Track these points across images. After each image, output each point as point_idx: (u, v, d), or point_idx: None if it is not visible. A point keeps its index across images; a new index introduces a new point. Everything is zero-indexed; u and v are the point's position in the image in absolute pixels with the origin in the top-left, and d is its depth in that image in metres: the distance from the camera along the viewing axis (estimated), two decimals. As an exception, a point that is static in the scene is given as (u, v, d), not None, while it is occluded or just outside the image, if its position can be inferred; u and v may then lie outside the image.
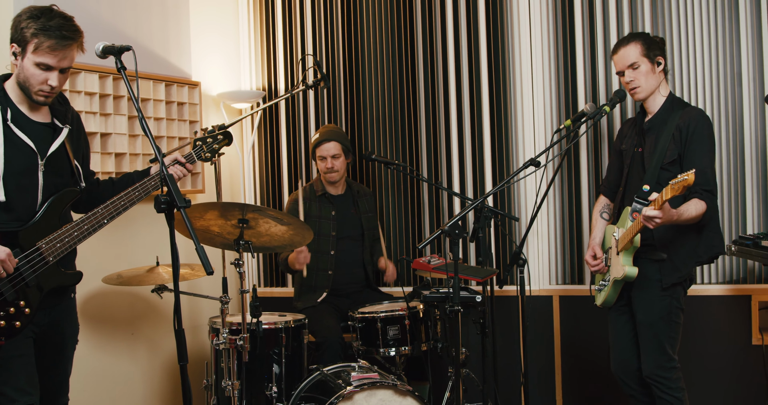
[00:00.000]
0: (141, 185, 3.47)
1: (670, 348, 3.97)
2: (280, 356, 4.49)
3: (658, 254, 3.95)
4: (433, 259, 4.65)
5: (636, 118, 4.25)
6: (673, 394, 3.96)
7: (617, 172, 4.33)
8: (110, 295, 4.81)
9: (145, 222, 5.05)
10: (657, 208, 3.52)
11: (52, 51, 3.14)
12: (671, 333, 3.97)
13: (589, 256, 4.30)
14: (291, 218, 4.26)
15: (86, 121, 4.57)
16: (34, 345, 3.31)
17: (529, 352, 4.56)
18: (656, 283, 3.96)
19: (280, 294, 5.87)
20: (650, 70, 4.02)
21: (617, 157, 4.34)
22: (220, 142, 3.94)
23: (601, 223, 4.38)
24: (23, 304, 3.13)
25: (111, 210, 3.35)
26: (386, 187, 5.68)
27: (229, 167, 5.90)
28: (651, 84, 4.04)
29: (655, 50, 4.03)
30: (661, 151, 3.94)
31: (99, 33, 4.66)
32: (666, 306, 3.96)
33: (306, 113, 5.94)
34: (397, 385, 4.05)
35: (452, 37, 5.51)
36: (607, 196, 4.42)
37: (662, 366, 3.97)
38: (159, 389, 5.18)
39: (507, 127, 5.37)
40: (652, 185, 3.90)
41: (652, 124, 4.08)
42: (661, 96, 4.08)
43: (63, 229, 3.24)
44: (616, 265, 4.01)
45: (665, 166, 3.92)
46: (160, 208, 2.99)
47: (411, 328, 4.68)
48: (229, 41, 6.02)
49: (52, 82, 3.20)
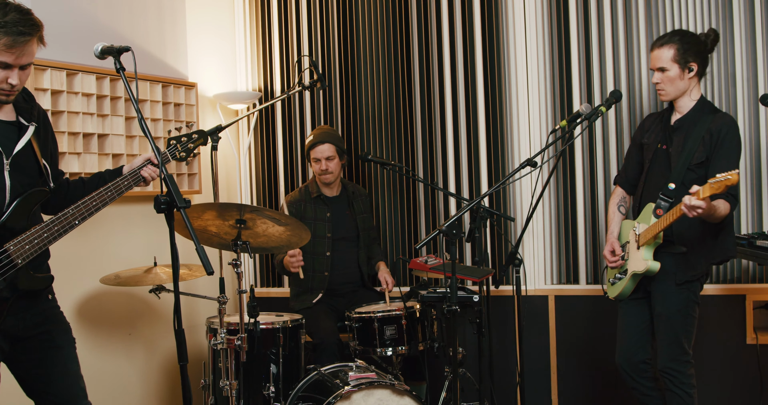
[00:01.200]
0: (114, 185, 3.32)
1: (686, 342, 4.01)
2: (277, 356, 4.50)
3: (678, 248, 3.99)
4: (429, 260, 4.67)
5: (663, 114, 4.25)
6: (685, 390, 4.00)
7: (637, 165, 4.33)
8: (107, 295, 4.82)
9: (141, 222, 5.07)
10: (700, 199, 3.52)
11: (9, 49, 2.95)
12: (687, 326, 4.01)
13: (607, 251, 4.30)
14: (288, 218, 4.27)
15: (84, 122, 4.59)
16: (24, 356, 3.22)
17: (524, 352, 4.57)
18: (674, 276, 4.00)
19: (276, 294, 5.88)
20: (678, 75, 4.02)
21: (638, 149, 4.33)
22: (195, 142, 3.81)
23: (618, 217, 4.39)
24: None
25: (82, 210, 3.19)
26: (382, 187, 5.70)
27: (226, 168, 5.91)
28: (677, 88, 4.06)
29: (689, 56, 4.01)
30: (689, 152, 3.96)
31: (95, 34, 4.67)
32: (683, 299, 4.00)
33: (302, 114, 5.95)
34: (394, 384, 4.06)
35: (447, 38, 5.53)
36: (623, 188, 4.43)
37: (677, 359, 4.00)
38: (156, 389, 5.19)
39: (502, 127, 5.39)
40: (677, 184, 3.93)
41: (681, 123, 4.09)
42: (691, 99, 4.08)
43: (32, 230, 3.08)
44: (637, 259, 4.04)
45: (692, 167, 3.95)
46: (160, 208, 2.94)
47: (408, 327, 4.70)
48: (225, 42, 6.04)
49: (12, 80, 3.03)
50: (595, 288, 5.17)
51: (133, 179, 3.43)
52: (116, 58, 3.15)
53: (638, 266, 4.02)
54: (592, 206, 5.20)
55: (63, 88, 4.47)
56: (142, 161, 3.50)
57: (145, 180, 3.48)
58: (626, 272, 4.16)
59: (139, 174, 3.45)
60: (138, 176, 3.44)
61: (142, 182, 3.48)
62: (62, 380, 3.31)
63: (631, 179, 4.37)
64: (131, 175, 3.42)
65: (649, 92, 5.05)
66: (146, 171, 3.47)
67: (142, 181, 3.47)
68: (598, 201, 5.18)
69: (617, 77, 5.13)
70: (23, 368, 3.26)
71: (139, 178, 3.45)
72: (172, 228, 3.00)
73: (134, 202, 5.01)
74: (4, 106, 3.18)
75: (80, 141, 4.57)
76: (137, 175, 3.44)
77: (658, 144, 4.16)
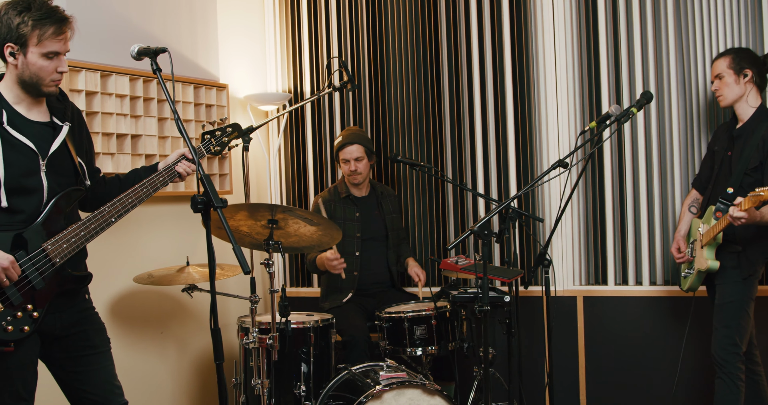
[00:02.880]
0: (149, 181, 3.36)
1: (737, 334, 4.21)
2: (308, 355, 4.53)
3: (735, 247, 4.25)
4: (460, 260, 4.68)
5: (729, 124, 4.52)
6: (733, 380, 4.19)
7: (709, 170, 4.61)
8: (140, 294, 4.87)
9: (173, 222, 5.11)
10: (741, 210, 3.88)
11: (57, 37, 3.08)
12: (740, 320, 4.22)
13: (674, 249, 4.65)
14: (320, 218, 4.29)
15: (117, 123, 4.64)
16: (61, 354, 3.26)
17: (552, 353, 4.58)
18: (731, 271, 4.26)
19: (306, 294, 5.91)
20: (734, 81, 4.36)
21: (710, 156, 4.63)
22: (230, 135, 3.79)
23: (688, 216, 4.73)
24: (31, 308, 3.02)
25: (118, 207, 3.24)
26: (411, 188, 5.72)
27: (256, 169, 5.96)
28: (734, 93, 4.37)
29: (743, 63, 4.35)
30: (746, 158, 4.24)
31: (129, 36, 4.72)
32: (738, 292, 4.24)
33: (331, 115, 5.98)
34: (425, 384, 4.07)
35: (476, 39, 5.54)
36: (698, 190, 4.72)
37: (725, 348, 4.22)
38: (187, 387, 5.24)
39: (531, 128, 5.39)
40: (735, 188, 4.18)
41: (741, 131, 4.38)
42: (750, 107, 4.38)
43: (69, 229, 3.14)
44: (701, 257, 4.36)
45: (748, 171, 4.23)
46: (197, 208, 2.96)
47: (438, 327, 4.72)
48: (255, 43, 6.08)
49: (63, 67, 3.14)
50: (623, 289, 5.18)
51: (168, 175, 3.46)
52: (153, 59, 3.18)
53: (701, 264, 4.34)
54: (620, 207, 5.20)
55: (97, 89, 4.52)
56: (177, 157, 3.54)
57: (180, 175, 3.51)
58: (694, 267, 4.49)
59: (173, 169, 3.48)
60: (173, 172, 3.48)
61: (177, 178, 3.51)
62: (99, 379, 3.34)
63: (704, 182, 4.66)
64: (166, 171, 3.46)
65: (677, 93, 5.04)
66: (181, 166, 3.50)
67: (177, 176, 3.50)
68: (627, 201, 5.17)
69: (646, 78, 5.12)
70: (61, 367, 3.30)
71: (174, 173, 3.49)
72: (209, 228, 3.02)
73: (166, 202, 5.06)
74: (39, 107, 3.23)
75: (114, 141, 4.62)
76: (172, 171, 3.48)
77: (725, 151, 4.44)
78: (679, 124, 5.05)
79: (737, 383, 4.18)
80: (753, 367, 4.37)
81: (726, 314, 4.24)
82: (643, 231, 5.14)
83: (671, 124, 5.07)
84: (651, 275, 5.14)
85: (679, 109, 5.05)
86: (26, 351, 3.09)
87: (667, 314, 5.08)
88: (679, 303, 4.94)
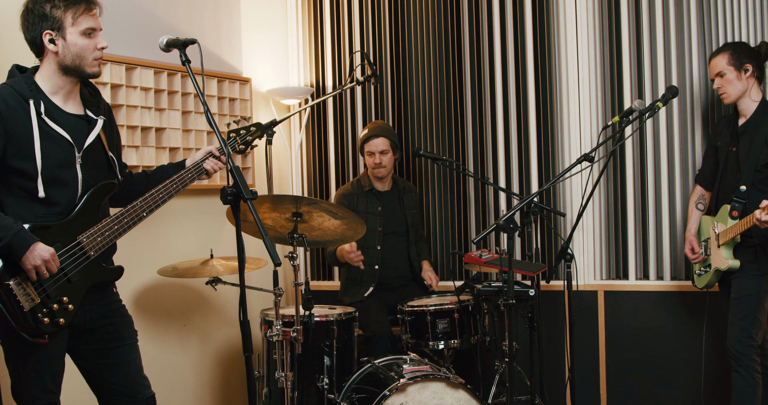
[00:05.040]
0: (178, 177, 3.42)
1: (753, 327, 4.23)
2: (331, 348, 4.55)
3: (752, 241, 4.25)
4: (483, 254, 4.69)
5: (730, 118, 4.52)
6: (750, 373, 4.22)
7: (713, 165, 4.63)
8: (163, 287, 4.89)
9: (196, 215, 5.13)
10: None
11: (89, 12, 3.15)
12: (755, 313, 4.24)
13: (687, 249, 4.68)
14: (346, 212, 4.30)
15: (142, 116, 4.66)
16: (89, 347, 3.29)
17: (574, 347, 4.58)
18: (748, 265, 4.28)
19: (327, 287, 5.94)
20: (736, 77, 4.37)
21: (713, 151, 4.63)
22: (254, 134, 3.91)
23: (696, 214, 4.73)
24: (66, 301, 3.06)
25: (150, 202, 3.29)
26: (433, 183, 5.73)
27: (278, 163, 5.97)
28: (737, 89, 4.38)
29: (742, 58, 4.37)
30: (755, 155, 4.26)
31: (154, 29, 4.74)
32: (755, 286, 4.26)
33: (353, 110, 5.99)
34: (449, 377, 4.09)
35: (498, 33, 5.54)
36: (702, 186, 4.74)
37: (740, 341, 4.24)
38: (209, 380, 5.26)
39: (553, 122, 5.39)
40: (747, 186, 4.22)
41: (746, 127, 4.39)
42: (753, 101, 4.38)
43: (103, 222, 3.17)
44: (718, 256, 4.36)
45: (759, 168, 4.24)
46: (227, 199, 2.99)
47: (460, 321, 4.73)
48: (278, 38, 6.09)
49: (102, 43, 3.20)
50: (644, 283, 5.18)
51: (197, 171, 3.52)
52: (182, 51, 3.20)
53: (721, 264, 4.34)
54: (642, 201, 5.20)
55: (122, 82, 4.54)
56: (204, 154, 3.60)
57: (207, 172, 3.57)
58: (710, 266, 4.48)
59: (202, 166, 3.54)
60: (201, 169, 3.54)
61: (204, 174, 3.57)
62: (127, 371, 3.38)
63: (708, 177, 4.68)
64: (194, 168, 3.52)
65: (700, 89, 5.03)
66: (208, 163, 3.57)
67: (204, 173, 3.57)
68: (648, 196, 5.17)
69: (668, 73, 5.11)
70: (88, 359, 3.33)
71: (202, 170, 3.55)
72: (239, 220, 3.04)
73: (190, 195, 5.09)
74: (75, 100, 3.26)
75: (138, 134, 4.64)
76: (200, 168, 3.53)
77: (729, 146, 4.44)
78: (702, 119, 5.04)
79: (754, 376, 4.20)
80: (766, 362, 4.37)
81: (743, 307, 4.26)
82: (665, 226, 5.13)
83: (693, 119, 5.06)
84: (672, 270, 5.14)
85: (702, 104, 5.04)
86: (57, 344, 3.12)
87: (687, 308, 5.08)
88: (699, 297, 4.92)
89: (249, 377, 3.07)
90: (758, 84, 4.39)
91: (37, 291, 2.97)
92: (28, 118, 3.05)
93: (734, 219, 4.22)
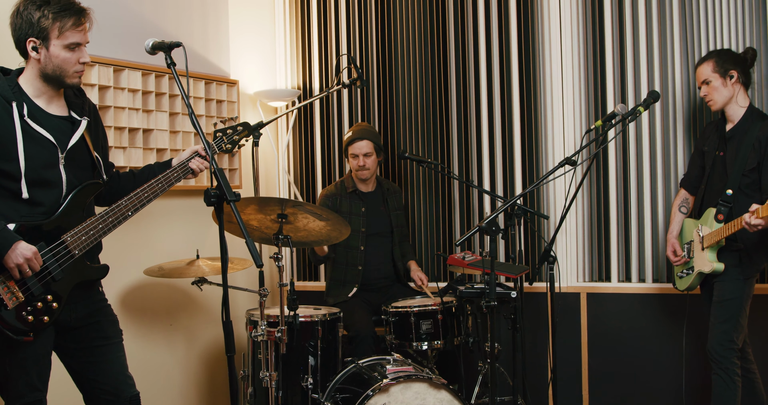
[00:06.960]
0: (164, 176, 3.44)
1: (734, 331, 4.24)
2: (315, 348, 4.57)
3: (736, 245, 4.26)
4: (467, 256, 4.73)
5: (717, 124, 4.54)
6: (730, 376, 4.23)
7: (699, 170, 4.66)
8: (150, 287, 4.92)
9: (183, 216, 5.16)
10: (759, 217, 3.90)
11: (77, 28, 3.16)
12: (737, 317, 4.25)
13: (670, 252, 4.68)
14: (330, 214, 4.33)
15: (129, 118, 4.69)
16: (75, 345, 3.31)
17: (556, 348, 4.63)
18: (732, 269, 4.28)
19: (313, 288, 5.97)
20: (721, 84, 4.38)
21: (699, 156, 4.65)
22: (240, 134, 3.93)
23: (679, 217, 4.73)
24: (50, 299, 3.08)
25: (135, 202, 3.31)
26: (417, 185, 5.77)
27: (265, 164, 6.00)
28: (723, 96, 4.39)
29: (727, 65, 4.37)
30: (743, 159, 4.27)
31: (142, 31, 4.78)
32: (738, 289, 4.27)
33: (340, 112, 6.03)
34: (432, 378, 4.12)
35: (483, 37, 5.58)
36: (687, 190, 4.75)
37: (722, 344, 4.25)
38: (195, 379, 5.29)
39: (537, 126, 5.44)
40: (734, 190, 4.25)
41: (734, 132, 4.40)
42: (740, 107, 4.40)
43: (87, 221, 3.20)
44: (702, 259, 4.37)
45: (746, 172, 4.25)
46: (210, 201, 2.99)
47: (443, 322, 4.77)
48: (265, 40, 6.13)
49: (85, 58, 3.21)
50: (626, 286, 5.23)
51: (182, 171, 3.54)
52: (167, 54, 3.21)
53: (704, 267, 4.35)
54: (624, 205, 5.24)
55: (110, 84, 4.57)
56: (190, 154, 3.63)
57: (193, 172, 3.60)
58: (692, 268, 4.50)
59: (188, 166, 3.56)
60: (186, 168, 3.56)
61: (190, 174, 3.59)
62: (111, 370, 3.39)
63: (693, 181, 4.70)
64: (180, 167, 3.54)
65: (682, 93, 5.09)
66: (194, 163, 3.59)
67: (191, 172, 3.59)
68: (630, 199, 5.22)
69: (651, 78, 5.17)
70: (74, 357, 3.35)
71: (188, 169, 3.57)
72: (222, 221, 3.05)
73: (177, 196, 5.12)
74: (58, 102, 3.29)
75: (126, 135, 4.68)
76: (186, 167, 3.56)
77: (716, 151, 4.46)
78: (684, 123, 5.09)
79: (734, 378, 4.22)
80: (746, 365, 4.40)
81: (725, 311, 4.27)
82: (647, 229, 5.19)
83: (675, 123, 5.11)
84: (654, 273, 5.19)
85: (684, 108, 5.09)
86: (42, 341, 3.14)
87: (668, 311, 5.13)
88: (679, 300, 4.96)
89: (231, 377, 3.06)
90: (744, 90, 4.40)
91: (21, 289, 3.00)
92: (11, 120, 3.08)
93: (719, 222, 4.24)
